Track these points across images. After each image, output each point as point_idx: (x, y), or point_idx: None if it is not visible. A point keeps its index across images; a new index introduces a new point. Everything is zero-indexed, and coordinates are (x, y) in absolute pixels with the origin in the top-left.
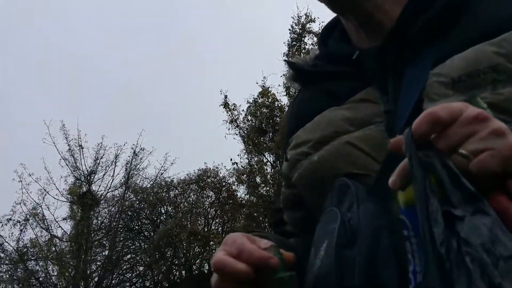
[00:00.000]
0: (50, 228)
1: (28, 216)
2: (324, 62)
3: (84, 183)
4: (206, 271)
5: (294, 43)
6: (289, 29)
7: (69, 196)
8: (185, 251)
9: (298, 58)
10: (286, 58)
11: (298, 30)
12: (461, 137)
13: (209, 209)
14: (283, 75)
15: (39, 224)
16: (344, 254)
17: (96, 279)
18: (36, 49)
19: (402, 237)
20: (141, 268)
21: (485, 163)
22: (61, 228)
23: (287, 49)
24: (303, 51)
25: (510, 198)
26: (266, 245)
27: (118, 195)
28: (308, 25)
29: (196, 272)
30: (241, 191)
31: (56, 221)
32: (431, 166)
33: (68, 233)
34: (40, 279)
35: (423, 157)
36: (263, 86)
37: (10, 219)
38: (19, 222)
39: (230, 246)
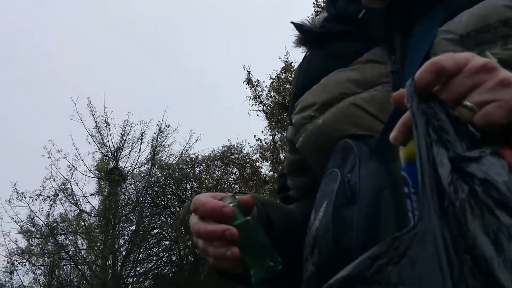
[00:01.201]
0: (78, 203)
1: (57, 192)
2: (332, 23)
3: (111, 160)
4: None
5: (318, 16)
6: (313, 2)
7: (96, 172)
8: None
9: (306, 21)
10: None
11: (322, 4)
12: (467, 88)
13: (233, 185)
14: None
15: (68, 199)
16: (343, 214)
17: (124, 253)
18: (60, 28)
19: (403, 196)
20: (167, 243)
21: (491, 115)
22: (90, 203)
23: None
24: None
25: None
26: (222, 195)
27: (144, 171)
28: None
29: None
30: (265, 168)
31: (85, 197)
32: (434, 115)
33: (96, 208)
34: (70, 252)
35: (425, 108)
36: (286, 61)
37: (40, 194)
38: (49, 197)
39: (192, 206)
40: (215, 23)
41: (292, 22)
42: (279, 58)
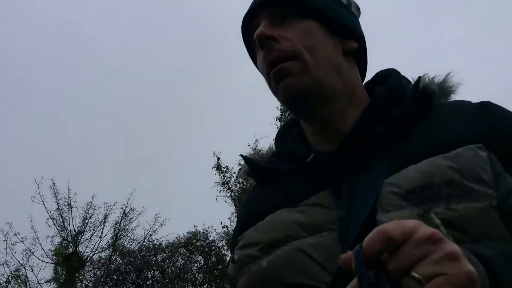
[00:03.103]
0: None
1: (10, 278)
2: (281, 160)
3: (71, 244)
4: None
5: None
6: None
7: (54, 257)
8: None
9: (256, 153)
10: (279, 123)
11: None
12: (414, 258)
13: (197, 274)
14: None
15: (21, 287)
16: None
17: None
18: (30, 105)
19: None
20: None
21: None
22: None
23: (279, 113)
24: None
25: None
26: None
27: (104, 257)
28: None
29: None
30: None
31: (39, 283)
32: None
33: None
34: None
35: (373, 280)
36: (255, 148)
37: None
38: (0, 284)
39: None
40: (185, 107)
41: (241, 155)
42: (248, 145)
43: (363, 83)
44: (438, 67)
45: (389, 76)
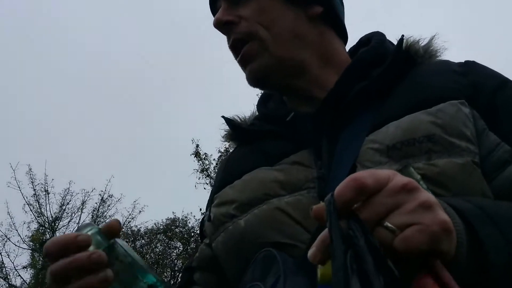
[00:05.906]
0: (8, 277)
1: None
2: (262, 122)
3: (48, 230)
4: None
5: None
6: None
7: (31, 243)
8: None
9: (237, 116)
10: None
11: None
12: (387, 208)
13: (176, 260)
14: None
15: None
16: None
17: None
18: (3, 88)
19: None
20: None
21: (412, 239)
22: (21, 276)
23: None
24: None
25: (435, 279)
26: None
27: None
28: None
29: None
30: None
31: (16, 269)
32: (353, 240)
33: (28, 283)
34: None
35: (345, 229)
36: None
37: None
38: None
39: (44, 252)
40: (165, 92)
41: (222, 116)
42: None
43: (351, 48)
44: None
45: (372, 38)
